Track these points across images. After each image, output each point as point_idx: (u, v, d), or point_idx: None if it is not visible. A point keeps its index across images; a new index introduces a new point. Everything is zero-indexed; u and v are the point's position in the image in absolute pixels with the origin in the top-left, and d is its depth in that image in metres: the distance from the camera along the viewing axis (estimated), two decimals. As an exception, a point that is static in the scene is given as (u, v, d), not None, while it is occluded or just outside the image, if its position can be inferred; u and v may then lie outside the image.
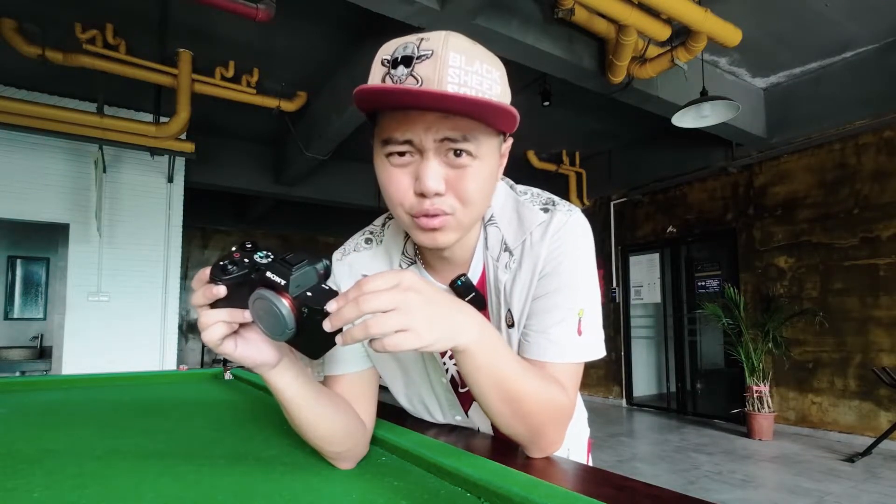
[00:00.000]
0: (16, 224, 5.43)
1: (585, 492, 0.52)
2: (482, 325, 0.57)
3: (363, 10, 3.22)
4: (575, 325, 0.68)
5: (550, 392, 0.64)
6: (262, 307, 0.51)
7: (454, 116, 0.58)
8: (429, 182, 0.59)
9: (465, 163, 0.60)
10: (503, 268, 0.71)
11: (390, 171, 0.62)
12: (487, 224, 0.73)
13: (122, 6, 3.84)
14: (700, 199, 6.12)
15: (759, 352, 4.93)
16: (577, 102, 5.33)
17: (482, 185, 0.62)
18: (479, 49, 0.60)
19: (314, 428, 0.64)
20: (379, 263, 0.77)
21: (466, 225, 0.65)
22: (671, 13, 3.34)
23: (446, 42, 0.57)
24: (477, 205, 0.64)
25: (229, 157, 6.42)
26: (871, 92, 4.53)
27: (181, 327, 8.73)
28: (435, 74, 0.56)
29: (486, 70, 0.59)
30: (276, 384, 0.59)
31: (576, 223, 0.70)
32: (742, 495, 3.36)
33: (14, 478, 0.66)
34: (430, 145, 0.59)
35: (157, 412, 1.17)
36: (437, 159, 0.60)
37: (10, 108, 4.15)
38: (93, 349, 5.09)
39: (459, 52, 0.57)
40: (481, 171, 0.62)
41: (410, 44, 0.58)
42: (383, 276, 0.50)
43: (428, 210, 0.61)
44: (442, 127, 0.58)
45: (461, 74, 0.57)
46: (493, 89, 0.59)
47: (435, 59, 0.56)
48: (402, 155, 0.60)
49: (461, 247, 0.71)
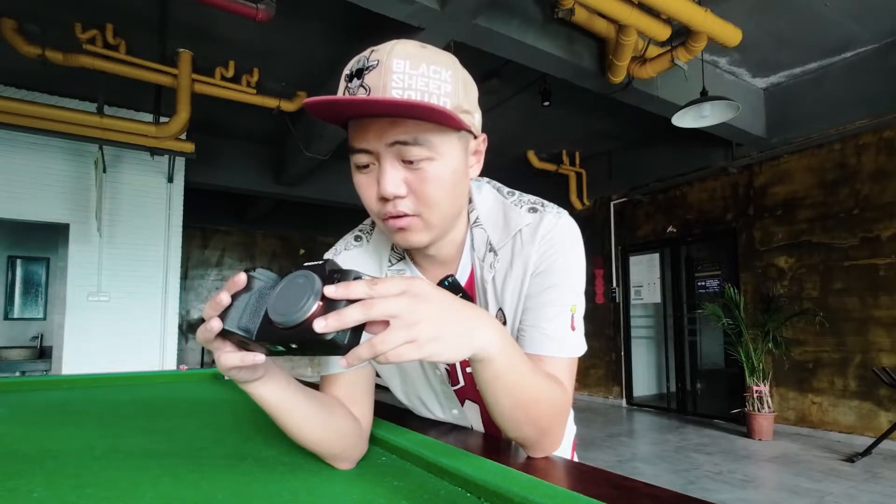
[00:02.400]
0: (16, 224, 5.43)
1: (585, 492, 0.52)
2: (501, 332, 0.57)
3: (363, 10, 3.22)
4: (569, 320, 0.70)
5: (555, 392, 0.65)
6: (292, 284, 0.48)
7: (402, 120, 0.60)
8: (386, 187, 0.61)
9: (421, 165, 0.62)
10: (488, 268, 0.73)
11: (358, 178, 0.66)
12: (473, 226, 0.75)
13: (122, 6, 3.84)
14: (700, 199, 6.12)
15: (759, 352, 4.93)
16: (577, 102, 5.33)
17: (443, 184, 0.64)
18: (427, 51, 0.62)
19: (306, 432, 0.64)
20: (369, 261, 0.79)
21: (437, 225, 0.67)
22: (671, 13, 3.34)
23: (392, 51, 0.60)
24: (441, 205, 0.65)
25: (229, 157, 6.42)
26: (871, 92, 4.53)
27: (181, 327, 8.73)
28: (380, 82, 0.59)
29: (434, 71, 0.61)
30: (260, 395, 0.59)
31: (566, 224, 0.72)
32: (742, 495, 3.36)
33: (14, 478, 0.66)
34: (383, 150, 0.61)
35: (157, 412, 1.17)
36: (393, 163, 0.62)
37: (10, 108, 4.15)
38: (93, 349, 5.09)
39: (403, 58, 0.60)
40: (441, 171, 0.63)
41: (363, 57, 0.61)
42: (393, 282, 0.48)
43: (391, 212, 0.64)
44: (391, 132, 0.60)
45: (405, 79, 0.59)
46: (443, 88, 0.61)
47: (380, 67, 0.59)
48: (366, 166, 0.64)
49: (446, 246, 0.73)
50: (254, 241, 9.77)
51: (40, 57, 3.96)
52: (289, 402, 0.61)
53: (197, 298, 9.15)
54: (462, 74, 0.65)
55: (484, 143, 0.71)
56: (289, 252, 10.12)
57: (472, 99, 0.67)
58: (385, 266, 0.78)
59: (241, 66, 4.71)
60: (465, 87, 0.65)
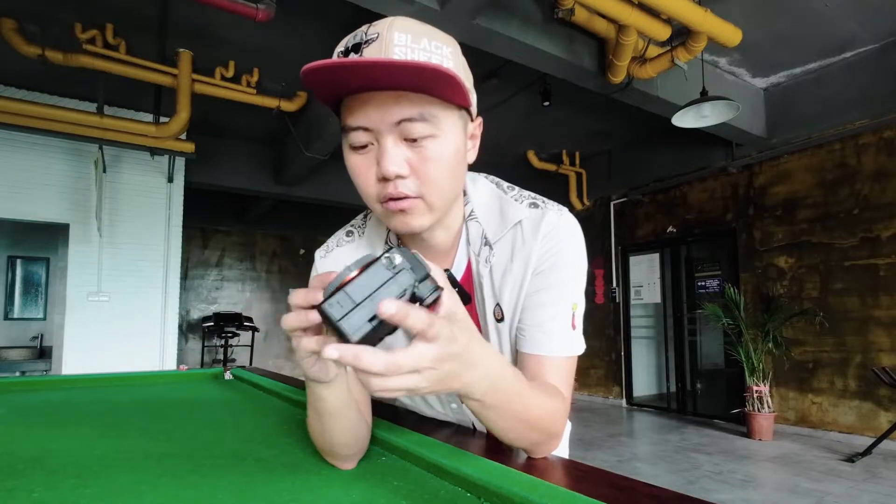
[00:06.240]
0: (16, 224, 5.43)
1: (585, 492, 0.52)
2: (493, 373, 0.52)
3: (363, 10, 3.22)
4: (569, 319, 0.69)
5: (553, 405, 0.64)
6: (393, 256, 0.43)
7: (406, 94, 0.57)
8: (388, 166, 0.58)
9: (424, 143, 0.59)
10: (483, 262, 0.72)
11: (354, 159, 0.62)
12: (468, 219, 0.73)
13: (122, 6, 3.84)
14: (700, 199, 6.12)
15: (759, 352, 4.93)
16: (577, 102, 5.33)
17: (446, 163, 0.62)
18: (427, 28, 0.60)
19: (341, 434, 0.63)
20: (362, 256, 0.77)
21: (438, 206, 0.64)
22: (671, 13, 3.34)
23: (392, 25, 0.58)
24: (443, 185, 0.63)
25: (229, 157, 6.42)
26: (871, 92, 4.53)
27: (181, 327, 8.73)
28: (381, 54, 0.56)
29: (435, 46, 0.59)
30: (325, 397, 0.58)
31: (568, 222, 0.72)
32: (742, 495, 3.36)
33: (14, 478, 0.66)
34: (385, 128, 0.58)
35: (157, 412, 1.17)
36: (395, 141, 0.59)
37: (10, 108, 4.15)
38: (93, 349, 5.09)
39: (405, 32, 0.57)
40: (444, 149, 0.61)
41: (360, 32, 0.59)
42: (445, 329, 0.43)
43: (392, 193, 0.60)
44: (395, 108, 0.57)
45: (407, 52, 0.56)
46: (445, 64, 0.59)
47: (380, 40, 0.56)
48: (364, 146, 0.60)
49: (441, 236, 0.72)
50: (254, 241, 9.78)
51: (40, 57, 3.96)
52: (345, 407, 0.61)
53: (197, 298, 9.15)
54: (461, 54, 0.64)
55: (479, 127, 0.70)
56: (289, 252, 10.13)
57: (471, 79, 0.66)
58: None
59: (241, 66, 4.71)
60: (464, 65, 0.64)
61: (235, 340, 8.88)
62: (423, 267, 0.44)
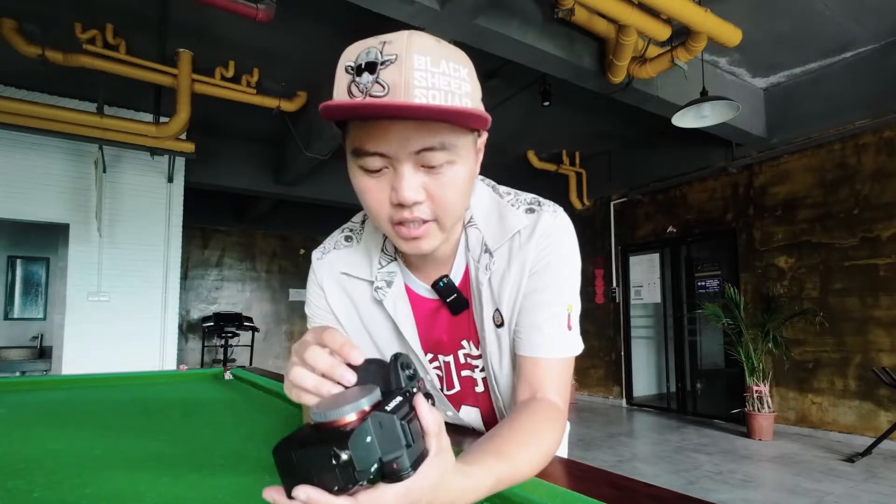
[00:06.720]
0: (16, 224, 5.43)
1: (585, 492, 0.52)
2: (483, 490, 0.50)
3: (363, 10, 3.22)
4: (565, 319, 0.70)
5: (552, 435, 0.62)
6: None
7: (427, 123, 0.56)
8: (407, 193, 0.58)
9: (443, 170, 0.59)
10: (483, 269, 0.71)
11: (366, 182, 0.60)
12: (468, 226, 0.73)
13: (122, 6, 3.84)
14: (700, 199, 6.12)
15: (759, 352, 4.93)
16: (577, 102, 5.33)
17: (461, 187, 0.62)
18: (444, 47, 0.58)
19: None
20: (359, 261, 0.77)
21: (448, 227, 0.65)
22: (671, 13, 3.34)
23: (409, 44, 0.55)
24: (458, 207, 0.64)
25: (229, 157, 6.42)
26: (871, 92, 4.53)
27: (181, 327, 8.73)
28: (401, 79, 0.54)
29: (454, 69, 0.57)
30: None
31: (562, 223, 0.72)
32: (742, 495, 3.36)
33: (14, 478, 0.66)
34: (404, 156, 0.57)
35: (157, 412, 1.17)
36: (413, 170, 0.58)
37: (10, 108, 4.15)
38: (93, 349, 5.09)
39: (424, 54, 0.55)
40: (460, 175, 0.61)
41: (373, 48, 0.55)
42: None
43: (406, 218, 0.60)
44: (416, 138, 0.56)
45: (428, 77, 0.55)
46: (463, 87, 0.58)
47: (399, 63, 0.54)
48: (378, 170, 0.59)
49: (443, 247, 0.72)
50: (254, 241, 9.77)
51: (40, 57, 3.96)
52: None
53: (197, 298, 9.15)
54: (475, 74, 0.64)
55: (484, 138, 0.70)
56: (289, 252, 10.13)
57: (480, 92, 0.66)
58: (375, 268, 0.76)
59: (241, 66, 4.71)
60: (478, 86, 0.64)
61: (235, 340, 8.87)
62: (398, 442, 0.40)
